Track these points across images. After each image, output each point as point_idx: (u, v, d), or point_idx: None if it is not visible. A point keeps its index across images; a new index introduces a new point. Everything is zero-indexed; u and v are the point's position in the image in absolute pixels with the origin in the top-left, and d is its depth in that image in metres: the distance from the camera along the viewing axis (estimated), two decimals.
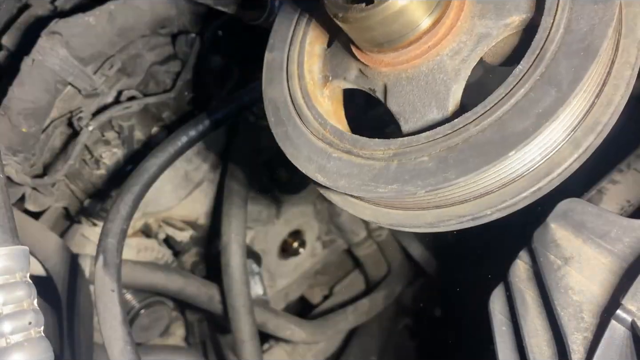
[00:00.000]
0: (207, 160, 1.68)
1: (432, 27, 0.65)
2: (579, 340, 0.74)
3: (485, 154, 0.58)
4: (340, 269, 2.56)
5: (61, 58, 1.17)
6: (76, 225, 1.61)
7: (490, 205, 0.64)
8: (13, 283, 0.71)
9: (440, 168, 0.61)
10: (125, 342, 0.93)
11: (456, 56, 0.66)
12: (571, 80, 0.56)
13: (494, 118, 0.59)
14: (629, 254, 0.75)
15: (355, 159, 0.71)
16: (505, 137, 0.58)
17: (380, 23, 0.64)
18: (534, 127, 0.57)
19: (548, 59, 0.58)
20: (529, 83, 0.58)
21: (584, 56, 0.56)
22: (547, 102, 0.56)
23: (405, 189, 0.63)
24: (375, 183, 0.67)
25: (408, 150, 0.65)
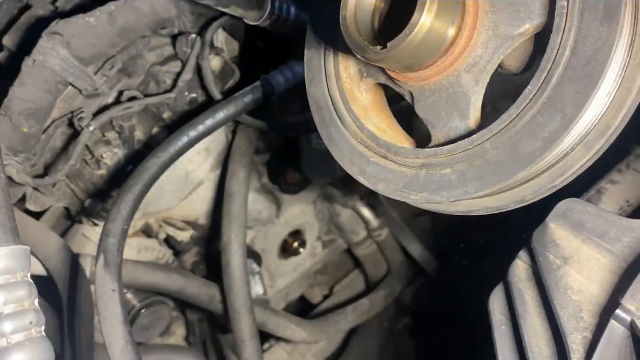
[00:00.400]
0: (207, 160, 1.69)
1: (448, 49, 0.68)
2: (578, 340, 0.74)
3: (498, 172, 0.64)
4: (340, 268, 2.56)
5: (62, 58, 1.17)
6: (77, 225, 1.61)
7: (513, 200, 0.68)
8: (14, 283, 0.71)
9: (461, 182, 0.67)
10: (126, 341, 0.93)
11: (473, 69, 0.69)
12: (575, 106, 0.58)
13: (506, 138, 0.63)
14: (628, 254, 0.75)
15: (389, 164, 0.76)
16: (515, 159, 0.62)
17: (396, 61, 0.67)
18: (540, 151, 0.60)
19: (555, 83, 0.59)
20: (536, 106, 0.61)
21: (587, 83, 0.58)
22: (553, 127, 0.60)
23: (432, 198, 0.70)
24: (407, 190, 0.73)
25: (433, 161, 0.70)
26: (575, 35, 0.59)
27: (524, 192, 0.67)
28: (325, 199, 2.22)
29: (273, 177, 1.92)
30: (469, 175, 0.66)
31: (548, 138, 0.60)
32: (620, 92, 0.60)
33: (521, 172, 0.62)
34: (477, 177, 0.66)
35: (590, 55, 0.58)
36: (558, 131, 0.59)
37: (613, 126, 0.61)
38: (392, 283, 2.32)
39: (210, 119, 1.19)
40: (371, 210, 2.30)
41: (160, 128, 1.48)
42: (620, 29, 0.56)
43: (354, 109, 0.81)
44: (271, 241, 2.08)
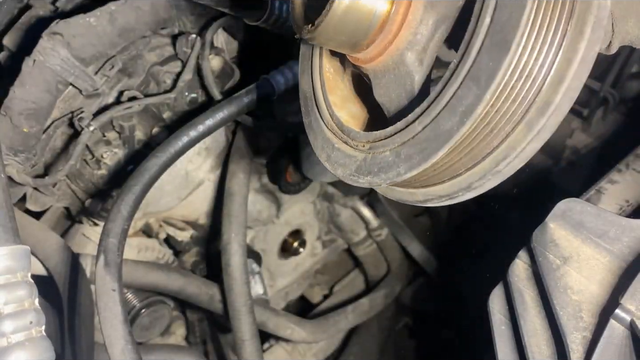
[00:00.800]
0: (207, 161, 1.69)
1: (382, 26, 0.67)
2: (578, 340, 0.74)
3: (424, 151, 0.61)
4: (340, 268, 2.57)
5: (62, 58, 1.17)
6: (77, 225, 1.61)
7: (461, 187, 0.65)
8: (14, 283, 0.72)
9: (395, 162, 0.66)
10: (126, 341, 0.93)
11: (416, 47, 0.67)
12: (487, 77, 0.55)
13: (432, 116, 0.61)
14: (628, 254, 0.75)
15: (348, 149, 0.76)
16: (438, 136, 0.59)
17: (328, 39, 0.67)
18: (458, 125, 0.57)
19: (474, 53, 0.57)
20: (458, 80, 0.58)
21: (499, 50, 0.54)
22: (469, 99, 0.56)
23: (374, 181, 0.69)
24: (357, 174, 0.73)
25: (377, 144, 0.69)
26: (494, 3, 0.55)
27: (471, 178, 0.64)
28: (325, 199, 2.22)
29: (273, 177, 1.92)
30: (402, 155, 0.65)
31: (464, 111, 0.57)
32: (559, 64, 0.56)
33: (442, 150, 0.59)
34: (407, 158, 0.64)
35: (504, 20, 0.54)
36: (474, 103, 0.56)
37: (554, 103, 0.56)
38: (392, 283, 2.32)
39: (210, 119, 1.19)
40: (371, 210, 2.30)
41: (161, 128, 1.48)
42: None
43: (331, 98, 0.82)
44: (271, 241, 2.08)
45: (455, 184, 0.66)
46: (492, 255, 2.25)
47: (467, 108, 0.57)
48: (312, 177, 1.92)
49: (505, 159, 0.60)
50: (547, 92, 0.56)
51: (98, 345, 1.25)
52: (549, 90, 0.56)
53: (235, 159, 1.64)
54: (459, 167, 0.64)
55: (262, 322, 1.73)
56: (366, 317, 2.17)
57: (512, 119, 0.58)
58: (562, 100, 0.55)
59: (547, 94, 0.56)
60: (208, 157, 1.68)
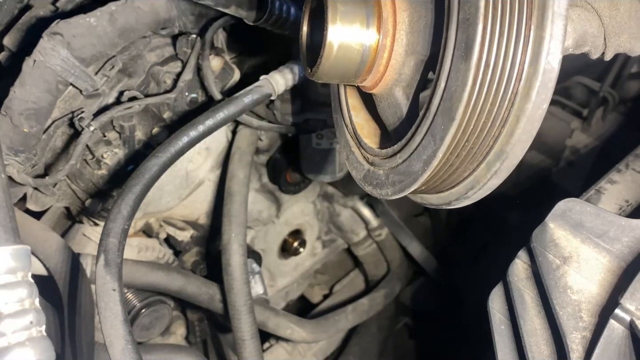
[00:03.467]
0: (207, 160, 1.69)
1: (370, 69, 0.76)
2: (577, 340, 0.74)
3: (402, 182, 0.73)
4: (340, 268, 2.57)
5: (62, 59, 1.17)
6: (77, 225, 1.61)
7: (444, 201, 0.75)
8: (15, 282, 0.72)
9: (385, 184, 0.77)
10: (127, 341, 0.93)
11: (401, 84, 0.76)
12: (440, 136, 0.64)
13: (407, 154, 0.71)
14: (628, 254, 0.75)
15: (359, 156, 0.86)
16: (410, 174, 0.71)
17: (326, 79, 0.78)
18: (422, 171, 0.68)
19: (433, 111, 0.65)
20: (423, 132, 0.67)
21: (448, 117, 0.62)
22: (429, 151, 0.66)
23: (374, 192, 0.80)
24: (364, 182, 0.84)
25: (375, 161, 0.81)
26: (448, 68, 0.62)
27: (451, 196, 0.73)
28: (325, 199, 2.23)
29: (273, 177, 1.93)
30: (390, 179, 0.76)
31: (426, 160, 0.67)
32: (512, 120, 0.62)
33: (412, 186, 0.70)
34: (393, 183, 0.75)
35: (453, 90, 0.61)
36: (430, 156, 0.66)
37: (506, 152, 0.63)
38: (392, 283, 2.32)
39: (210, 119, 1.19)
40: (371, 210, 2.30)
41: (161, 128, 1.48)
42: (475, 66, 0.59)
43: (350, 101, 0.92)
44: (271, 241, 2.09)
45: (441, 197, 0.76)
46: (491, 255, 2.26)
47: (428, 158, 0.67)
48: (312, 177, 1.92)
49: (472, 189, 0.69)
50: (501, 143, 0.64)
51: (98, 345, 1.25)
52: (503, 140, 0.63)
53: (235, 159, 1.64)
54: (442, 187, 0.74)
55: (262, 321, 1.73)
56: (366, 316, 2.17)
57: (473, 162, 0.67)
58: (513, 149, 0.63)
59: (501, 144, 0.64)
60: (208, 157, 1.68)
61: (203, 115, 1.21)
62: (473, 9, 0.59)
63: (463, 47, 0.60)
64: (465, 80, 0.60)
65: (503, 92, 0.61)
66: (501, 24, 0.59)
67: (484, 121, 0.63)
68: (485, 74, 0.60)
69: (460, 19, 0.60)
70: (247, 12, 1.31)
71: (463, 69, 0.60)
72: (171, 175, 1.59)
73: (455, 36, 0.61)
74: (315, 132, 1.68)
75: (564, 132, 2.15)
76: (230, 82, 1.56)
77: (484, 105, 0.61)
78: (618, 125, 2.08)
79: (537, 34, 0.59)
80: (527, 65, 0.59)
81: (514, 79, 0.60)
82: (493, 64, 0.59)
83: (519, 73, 0.60)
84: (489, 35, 0.59)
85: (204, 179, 1.72)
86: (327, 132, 1.68)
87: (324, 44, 0.73)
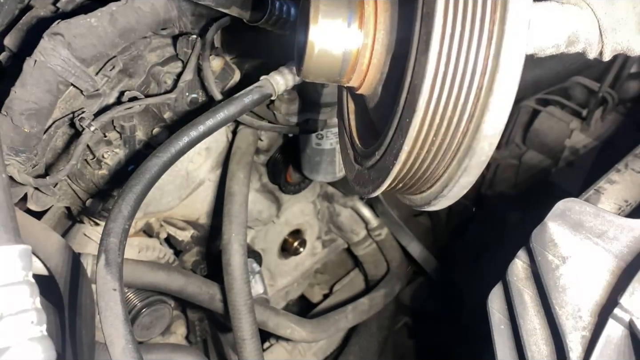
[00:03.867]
0: (208, 160, 1.69)
1: (353, 69, 0.78)
2: (577, 339, 0.75)
3: (379, 178, 0.75)
4: (340, 268, 2.57)
5: (63, 59, 1.17)
6: (78, 224, 1.62)
7: (425, 201, 0.76)
8: (15, 282, 0.72)
9: (368, 181, 0.79)
10: (127, 340, 0.93)
11: (383, 82, 0.77)
12: (406, 129, 0.65)
13: (382, 151, 0.73)
14: (627, 253, 0.75)
15: (352, 157, 0.89)
16: (385, 168, 0.72)
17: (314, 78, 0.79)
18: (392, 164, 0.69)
19: (401, 106, 0.66)
20: (393, 126, 0.69)
21: (411, 110, 0.63)
22: (398, 145, 0.68)
23: (361, 191, 0.82)
24: (354, 183, 0.86)
25: (361, 160, 0.83)
26: (413, 64, 0.63)
27: (430, 196, 0.75)
28: (325, 199, 2.23)
29: (273, 177, 1.93)
30: (371, 176, 0.78)
31: (395, 154, 0.68)
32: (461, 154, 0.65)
33: (386, 181, 0.72)
34: (372, 180, 0.77)
35: (415, 84, 0.63)
36: (398, 149, 0.67)
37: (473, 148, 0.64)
38: (392, 282, 2.33)
39: (211, 120, 1.19)
40: (371, 210, 2.30)
41: (161, 128, 1.48)
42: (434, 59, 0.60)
43: (349, 105, 0.94)
44: (271, 241, 2.09)
45: (422, 198, 0.77)
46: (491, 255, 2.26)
47: (396, 151, 0.68)
48: (312, 177, 1.92)
49: (447, 186, 0.70)
50: (469, 139, 0.64)
51: (99, 345, 1.25)
52: (470, 136, 0.64)
53: (235, 159, 1.64)
54: (422, 187, 0.75)
55: (262, 321, 1.73)
56: (366, 316, 2.17)
57: (445, 159, 0.68)
58: (480, 144, 0.63)
59: (469, 140, 0.65)
60: (209, 157, 1.68)
61: (203, 115, 1.21)
62: (432, 2, 0.59)
63: (424, 41, 0.61)
64: (424, 73, 0.60)
65: (468, 86, 0.61)
66: (463, 17, 0.59)
67: (449, 115, 0.63)
68: (447, 67, 0.60)
69: (423, 13, 0.62)
70: (247, 13, 1.31)
71: (423, 61, 0.61)
72: (172, 175, 1.60)
73: (419, 31, 0.62)
74: (315, 132, 1.68)
75: (563, 132, 2.15)
76: (231, 82, 1.56)
77: (448, 99, 0.62)
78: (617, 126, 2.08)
79: (499, 27, 0.59)
80: (490, 59, 0.60)
81: (478, 73, 0.61)
82: (455, 57, 0.60)
83: (484, 67, 0.60)
84: (449, 28, 0.59)
85: (204, 179, 1.72)
86: (327, 132, 1.68)
87: (306, 43, 0.74)
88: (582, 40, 0.74)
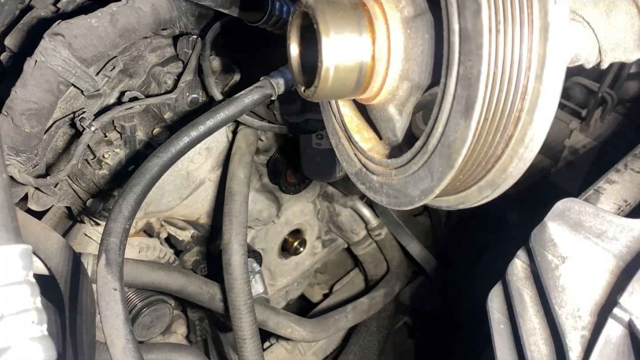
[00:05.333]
0: (208, 160, 1.69)
1: (365, 89, 0.76)
2: (576, 339, 0.75)
3: (396, 198, 0.76)
4: (340, 267, 2.58)
5: (64, 59, 1.17)
6: (79, 224, 1.62)
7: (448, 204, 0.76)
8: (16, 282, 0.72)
9: (380, 191, 0.80)
10: (127, 340, 0.93)
11: (395, 102, 0.77)
12: (438, 177, 0.66)
13: (402, 175, 0.74)
14: (626, 253, 0.75)
15: (349, 149, 0.87)
16: (405, 195, 0.74)
17: (325, 98, 0.77)
18: (418, 199, 0.72)
19: (430, 150, 0.67)
20: (420, 163, 0.69)
21: (446, 164, 0.65)
22: (426, 184, 0.69)
23: (368, 194, 0.82)
24: (356, 178, 0.85)
25: (368, 166, 0.82)
26: (446, 116, 0.63)
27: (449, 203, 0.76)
28: (325, 198, 2.23)
29: (273, 177, 1.93)
30: (384, 189, 0.78)
31: (423, 191, 0.70)
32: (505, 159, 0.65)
33: (407, 207, 0.74)
34: (387, 194, 0.78)
35: (452, 140, 0.63)
36: (427, 190, 0.69)
37: (498, 183, 0.67)
38: (392, 282, 2.33)
39: (211, 120, 1.19)
40: (371, 209, 2.30)
41: (162, 128, 1.49)
42: (475, 125, 0.60)
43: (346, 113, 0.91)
44: (271, 240, 2.09)
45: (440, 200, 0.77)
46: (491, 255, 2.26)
47: (425, 190, 0.69)
48: (312, 177, 1.92)
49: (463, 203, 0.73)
50: (493, 175, 0.67)
51: (99, 344, 1.25)
52: (495, 174, 0.66)
53: (236, 159, 1.65)
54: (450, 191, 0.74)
55: (262, 321, 1.73)
56: (366, 316, 2.18)
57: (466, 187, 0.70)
58: (505, 182, 0.66)
59: (493, 176, 0.67)
60: (209, 157, 1.68)
61: (204, 115, 1.21)
62: (475, 70, 0.58)
63: (463, 104, 0.60)
64: (465, 137, 0.61)
65: (499, 137, 0.63)
66: (501, 83, 0.59)
67: (479, 161, 0.65)
68: (483, 127, 0.61)
69: (460, 74, 0.60)
70: (247, 13, 1.32)
71: (463, 125, 0.61)
72: (172, 175, 1.60)
73: (454, 89, 0.61)
74: (315, 132, 1.69)
75: (563, 133, 2.15)
76: (231, 82, 1.56)
77: (480, 151, 0.64)
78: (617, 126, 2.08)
79: (535, 86, 0.59)
80: (524, 114, 0.61)
81: (510, 124, 0.62)
82: (491, 117, 0.61)
83: (515, 120, 0.62)
84: (489, 94, 0.59)
85: (204, 178, 1.72)
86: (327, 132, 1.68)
87: (320, 62, 0.71)
88: (582, 59, 0.78)
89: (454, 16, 0.59)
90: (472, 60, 0.58)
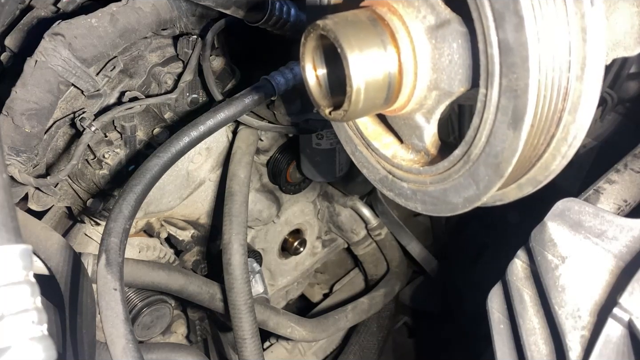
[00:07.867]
0: (208, 160, 1.69)
1: (392, 102, 0.76)
2: (576, 339, 0.75)
3: (434, 205, 0.76)
4: (340, 267, 2.57)
5: (64, 59, 1.17)
6: (79, 224, 1.62)
7: (487, 202, 0.75)
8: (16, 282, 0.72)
9: (412, 198, 0.79)
10: (128, 340, 0.93)
11: (422, 110, 0.76)
12: (485, 185, 0.66)
13: (441, 183, 0.73)
14: (626, 253, 0.75)
15: (369, 157, 0.85)
16: (444, 203, 0.74)
17: (354, 117, 0.78)
18: (461, 206, 0.71)
19: (474, 158, 0.67)
20: (461, 171, 0.69)
21: (494, 173, 0.65)
22: (470, 192, 0.69)
23: (397, 199, 0.81)
24: (381, 184, 0.84)
25: (395, 173, 0.81)
26: (490, 127, 0.63)
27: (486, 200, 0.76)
28: (325, 198, 2.23)
29: (273, 177, 1.93)
30: (418, 196, 0.78)
31: (467, 199, 0.70)
32: (547, 157, 0.66)
33: (449, 214, 0.74)
34: (421, 201, 0.77)
35: (498, 150, 0.63)
36: (473, 198, 0.69)
37: (540, 180, 0.68)
38: (392, 282, 2.33)
39: (211, 120, 1.19)
40: (370, 209, 2.30)
41: (162, 128, 1.49)
42: (526, 136, 0.60)
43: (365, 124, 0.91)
44: (272, 240, 2.09)
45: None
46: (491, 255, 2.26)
47: (470, 198, 0.69)
48: (312, 177, 1.92)
49: (501, 200, 0.74)
50: (534, 172, 0.68)
51: (99, 344, 1.25)
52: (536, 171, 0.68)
53: (236, 158, 1.64)
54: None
55: (262, 320, 1.73)
56: (366, 316, 2.18)
57: None
58: (547, 178, 0.68)
59: (534, 173, 0.68)
60: (209, 157, 1.69)
61: (204, 115, 1.21)
62: (522, 83, 0.58)
63: (510, 115, 0.60)
64: (516, 148, 0.61)
65: (543, 139, 0.64)
66: (545, 90, 0.59)
67: (522, 163, 0.66)
68: (529, 134, 0.61)
69: (503, 85, 0.60)
70: (247, 13, 1.32)
71: (512, 136, 0.61)
72: (172, 175, 1.60)
73: (497, 101, 0.61)
74: (315, 132, 1.69)
75: None
76: (231, 82, 1.56)
77: (525, 154, 0.64)
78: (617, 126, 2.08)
79: (576, 86, 0.61)
80: (566, 113, 0.62)
81: (552, 124, 0.63)
82: (537, 123, 0.61)
83: (557, 120, 0.63)
84: (536, 104, 0.60)
85: (204, 178, 1.72)
86: (327, 132, 1.68)
87: (350, 92, 0.69)
88: None
89: (491, 29, 0.58)
90: (517, 73, 0.58)
